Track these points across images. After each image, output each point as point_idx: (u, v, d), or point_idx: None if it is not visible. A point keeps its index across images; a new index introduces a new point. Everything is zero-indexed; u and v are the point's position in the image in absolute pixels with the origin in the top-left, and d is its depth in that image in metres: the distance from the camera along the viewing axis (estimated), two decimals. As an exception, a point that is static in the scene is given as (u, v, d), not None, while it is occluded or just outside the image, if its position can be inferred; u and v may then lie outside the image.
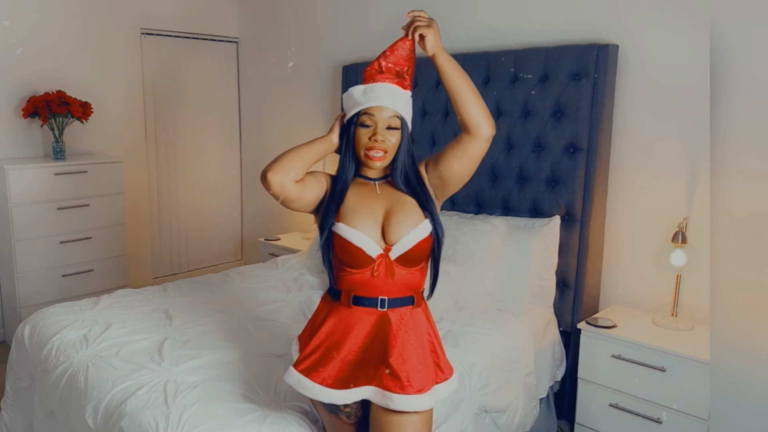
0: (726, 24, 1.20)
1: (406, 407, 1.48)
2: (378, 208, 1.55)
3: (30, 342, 2.28)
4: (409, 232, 1.50)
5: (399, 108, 1.52)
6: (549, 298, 2.68)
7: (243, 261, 4.93)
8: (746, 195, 1.17)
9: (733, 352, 1.19)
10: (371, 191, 1.57)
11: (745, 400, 1.18)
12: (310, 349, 1.54)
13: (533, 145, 2.76)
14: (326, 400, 1.51)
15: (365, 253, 1.49)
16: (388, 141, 1.51)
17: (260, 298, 2.67)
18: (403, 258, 1.51)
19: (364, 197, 1.56)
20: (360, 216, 1.52)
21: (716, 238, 1.23)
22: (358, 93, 1.54)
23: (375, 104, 1.50)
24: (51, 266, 3.52)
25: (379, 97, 1.51)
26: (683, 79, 2.46)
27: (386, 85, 1.53)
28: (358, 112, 1.52)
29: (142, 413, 1.70)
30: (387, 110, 1.51)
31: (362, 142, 1.52)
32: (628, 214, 2.66)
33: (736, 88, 1.18)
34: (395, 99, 1.52)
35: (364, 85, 1.55)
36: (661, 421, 2.29)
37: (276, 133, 4.40)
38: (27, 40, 3.61)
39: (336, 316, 1.54)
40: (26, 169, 3.38)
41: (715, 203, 1.23)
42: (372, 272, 1.50)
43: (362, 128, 1.52)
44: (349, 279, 1.52)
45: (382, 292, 1.52)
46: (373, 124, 1.51)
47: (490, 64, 2.89)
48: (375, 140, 1.50)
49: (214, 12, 4.48)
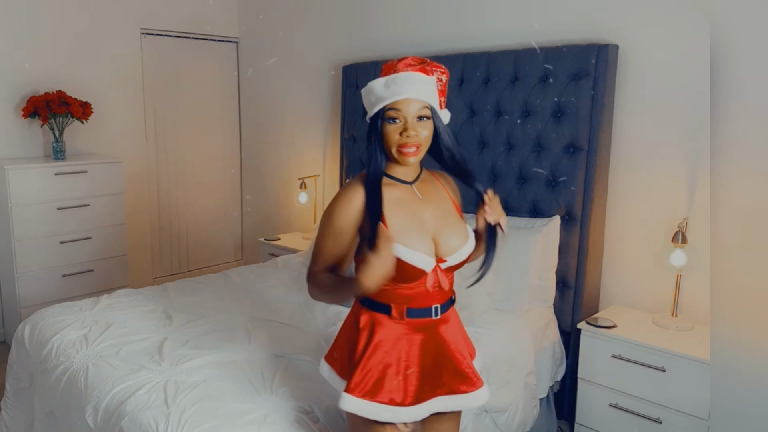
0: (726, 24, 1.20)
1: (478, 402, 1.49)
2: (427, 218, 1.47)
3: (30, 342, 2.28)
4: (463, 247, 1.48)
5: (426, 96, 1.41)
6: (549, 298, 2.68)
7: (243, 261, 4.93)
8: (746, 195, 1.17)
9: (733, 352, 1.19)
10: (413, 198, 1.48)
11: (745, 400, 1.18)
12: (365, 370, 1.43)
13: (533, 145, 2.76)
14: (400, 420, 1.43)
15: (423, 271, 1.42)
16: (420, 134, 1.40)
17: (260, 298, 2.67)
18: (452, 267, 1.49)
19: (409, 207, 1.46)
20: (414, 233, 1.42)
21: (716, 238, 1.23)
22: (379, 86, 1.42)
23: (401, 97, 1.38)
24: (51, 266, 3.52)
25: (403, 89, 1.39)
26: (683, 79, 2.45)
27: (409, 73, 1.41)
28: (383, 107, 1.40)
29: (142, 413, 1.70)
30: (414, 102, 1.39)
31: (393, 138, 1.40)
32: (628, 214, 2.66)
33: (736, 87, 1.18)
34: (421, 88, 1.40)
35: (385, 77, 1.43)
36: (661, 421, 2.29)
37: (276, 133, 4.40)
38: (27, 40, 3.61)
39: (385, 331, 1.45)
40: (26, 169, 3.38)
41: (715, 203, 1.23)
42: (426, 285, 1.45)
43: (390, 123, 1.40)
44: (400, 293, 1.44)
45: (435, 301, 1.48)
46: (401, 119, 1.39)
47: (490, 64, 2.89)
48: (407, 135, 1.38)
49: (214, 12, 4.48)
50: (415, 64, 1.44)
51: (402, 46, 3.43)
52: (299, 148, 4.18)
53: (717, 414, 1.24)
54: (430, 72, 1.45)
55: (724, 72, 1.19)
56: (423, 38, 3.33)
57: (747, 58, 1.17)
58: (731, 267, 1.20)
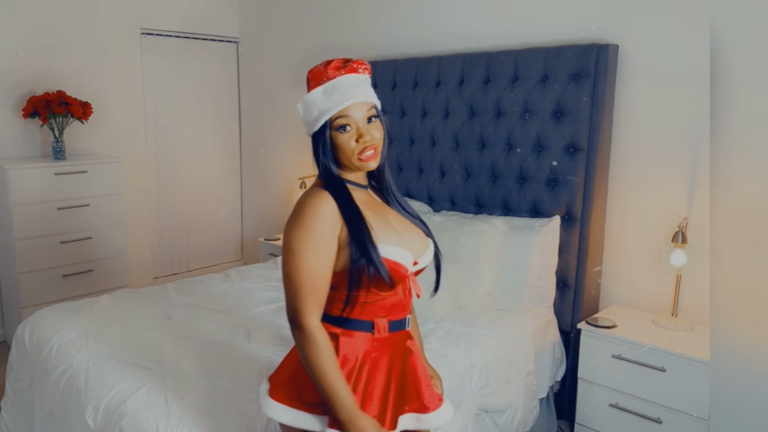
0: (726, 23, 1.20)
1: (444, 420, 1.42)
2: (391, 219, 1.40)
3: (30, 342, 2.28)
4: (428, 248, 1.41)
5: (369, 96, 1.34)
6: (549, 298, 2.68)
7: (243, 261, 4.93)
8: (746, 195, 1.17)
9: (733, 352, 1.19)
10: (371, 199, 1.42)
11: (745, 400, 1.18)
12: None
13: (533, 145, 2.76)
14: None
15: (404, 273, 1.32)
16: (374, 136, 1.32)
17: (260, 298, 2.67)
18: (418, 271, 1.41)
19: (374, 208, 1.39)
20: (389, 231, 1.34)
21: (716, 238, 1.23)
22: (319, 97, 1.32)
23: (347, 103, 1.30)
24: (51, 266, 3.52)
25: (347, 95, 1.30)
26: (683, 79, 2.45)
27: (345, 77, 1.32)
28: (329, 118, 1.31)
29: (142, 413, 1.70)
30: (361, 105, 1.31)
31: (349, 147, 1.31)
32: (628, 214, 2.66)
33: (737, 87, 1.18)
34: (362, 89, 1.33)
35: (321, 86, 1.33)
36: (661, 421, 2.29)
37: (276, 133, 4.40)
38: (27, 40, 3.61)
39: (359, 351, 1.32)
40: (26, 169, 3.38)
41: (715, 203, 1.23)
42: (404, 291, 1.36)
43: (342, 132, 1.31)
44: (381, 305, 1.34)
45: (407, 311, 1.40)
46: (352, 125, 1.31)
47: (490, 64, 2.89)
48: (364, 141, 1.30)
49: (214, 12, 4.48)
50: (342, 65, 1.34)
51: (402, 46, 3.43)
52: (299, 148, 4.18)
53: (717, 414, 1.24)
54: (358, 70, 1.35)
55: (724, 72, 1.19)
56: (423, 38, 3.33)
57: (747, 57, 1.17)
58: (731, 267, 1.20)
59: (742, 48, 1.17)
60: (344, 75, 1.32)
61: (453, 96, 3.02)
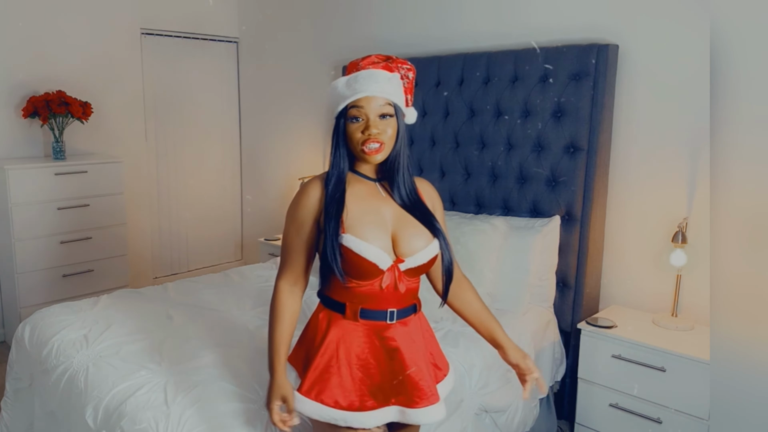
0: (726, 24, 1.20)
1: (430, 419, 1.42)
2: (386, 214, 1.44)
3: (30, 342, 2.28)
4: (424, 249, 1.42)
5: (388, 93, 1.38)
6: (549, 298, 2.68)
7: (243, 261, 4.93)
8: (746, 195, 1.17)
9: (733, 352, 1.19)
10: (374, 192, 1.46)
11: (745, 400, 1.18)
12: (317, 370, 1.42)
13: (533, 145, 2.76)
14: (345, 424, 1.40)
15: (378, 267, 1.38)
16: (383, 132, 1.38)
17: (260, 298, 2.67)
18: (411, 270, 1.43)
19: (367, 200, 1.43)
20: (370, 226, 1.39)
21: (716, 238, 1.23)
22: (341, 85, 1.40)
23: (361, 95, 1.36)
24: (51, 266, 3.52)
25: (364, 87, 1.37)
26: (683, 79, 2.45)
27: (370, 71, 1.39)
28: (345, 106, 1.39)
29: (142, 413, 1.70)
30: (376, 99, 1.37)
31: (355, 137, 1.38)
32: (628, 214, 2.66)
33: (737, 87, 1.18)
34: (382, 85, 1.38)
35: (347, 76, 1.41)
36: (661, 421, 2.29)
37: (276, 134, 4.40)
38: (27, 39, 3.61)
39: (339, 331, 1.43)
40: (26, 169, 3.38)
41: (715, 203, 1.24)
42: (380, 285, 1.40)
43: (353, 123, 1.38)
44: (356, 292, 1.41)
45: (390, 304, 1.43)
46: (363, 117, 1.37)
47: (490, 64, 2.89)
48: (369, 133, 1.36)
49: (214, 12, 4.48)
50: (379, 61, 1.42)
51: (402, 46, 3.43)
52: (299, 148, 4.18)
53: (717, 414, 1.24)
54: (394, 69, 1.42)
55: (724, 72, 1.19)
56: (423, 38, 3.33)
57: (747, 57, 1.17)
58: (731, 267, 1.20)
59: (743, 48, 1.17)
60: (371, 69, 1.40)
61: (453, 96, 3.02)
